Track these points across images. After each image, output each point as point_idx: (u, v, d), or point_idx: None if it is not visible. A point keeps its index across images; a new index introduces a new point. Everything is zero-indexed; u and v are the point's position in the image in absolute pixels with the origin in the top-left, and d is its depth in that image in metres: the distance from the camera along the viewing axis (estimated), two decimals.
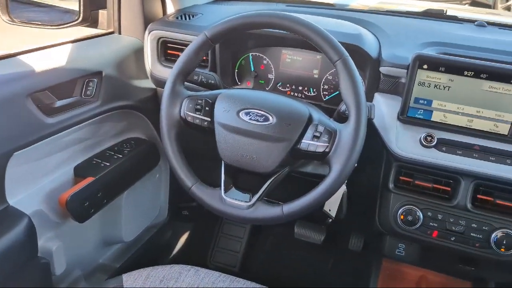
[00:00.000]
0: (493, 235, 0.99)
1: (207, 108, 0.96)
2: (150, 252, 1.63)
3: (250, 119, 0.93)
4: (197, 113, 0.97)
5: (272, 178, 0.95)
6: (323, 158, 0.92)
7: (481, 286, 1.27)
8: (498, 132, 0.97)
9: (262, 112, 0.93)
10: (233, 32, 0.95)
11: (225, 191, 0.94)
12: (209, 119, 0.96)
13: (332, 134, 0.91)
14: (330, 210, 1.11)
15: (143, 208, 1.50)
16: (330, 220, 1.43)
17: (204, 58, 1.22)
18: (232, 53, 1.26)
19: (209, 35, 0.95)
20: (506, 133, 0.96)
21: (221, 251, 1.87)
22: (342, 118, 0.97)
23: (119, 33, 1.32)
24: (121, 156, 1.26)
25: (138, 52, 1.30)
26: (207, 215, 1.56)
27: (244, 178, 1.02)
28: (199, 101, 0.97)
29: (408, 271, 1.39)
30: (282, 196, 0.93)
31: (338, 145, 0.89)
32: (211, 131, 0.96)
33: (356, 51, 1.05)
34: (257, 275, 1.70)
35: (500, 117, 0.97)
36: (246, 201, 0.93)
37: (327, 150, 0.90)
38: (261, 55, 1.26)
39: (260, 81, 1.28)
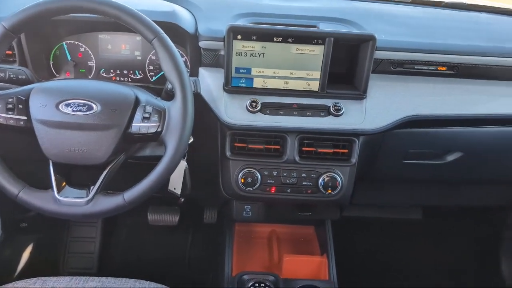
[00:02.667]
0: (320, 180, 1.12)
1: (20, 106, 0.88)
2: None
3: (73, 110, 0.88)
4: (9, 113, 0.88)
5: (108, 168, 0.92)
6: (157, 138, 0.92)
7: (320, 227, 1.43)
8: (311, 89, 1.08)
9: (84, 101, 0.89)
10: (38, 19, 0.88)
11: (58, 191, 0.89)
12: (25, 117, 0.88)
13: (161, 113, 0.91)
14: (175, 189, 1.12)
15: None
16: (182, 200, 1.45)
17: (10, 52, 1.10)
18: (43, 44, 1.16)
19: (7, 25, 0.86)
20: (317, 89, 1.08)
21: (73, 256, 1.76)
22: (170, 96, 0.98)
23: None
24: None
25: None
26: (51, 222, 1.45)
27: (77, 174, 0.97)
28: (10, 100, 0.88)
29: (259, 229, 1.49)
30: (128, 186, 0.91)
31: (169, 123, 0.90)
32: (29, 130, 0.88)
33: (173, 28, 1.06)
34: (117, 271, 1.65)
35: (310, 76, 1.08)
36: (83, 197, 0.89)
37: (159, 129, 0.91)
38: (76, 42, 1.19)
39: (80, 70, 1.21)
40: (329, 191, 1.12)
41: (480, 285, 1.74)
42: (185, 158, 1.10)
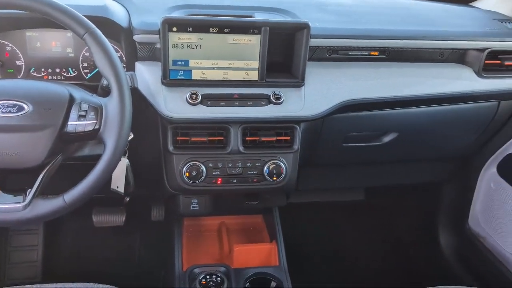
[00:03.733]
0: (265, 168, 1.13)
1: None
2: None
3: (1, 112, 0.84)
4: None
5: (45, 170, 0.89)
6: (95, 136, 0.89)
7: (269, 214, 1.45)
8: (250, 79, 1.09)
9: (14, 102, 0.85)
10: None
11: None
12: None
13: (98, 110, 0.89)
14: (118, 187, 1.09)
15: None
16: (128, 199, 1.42)
17: None
18: None
19: None
20: (256, 79, 1.09)
21: (15, 266, 1.68)
22: (106, 92, 0.95)
23: None
24: None
25: None
26: None
27: (13, 179, 0.93)
28: None
29: (208, 222, 1.49)
30: (69, 188, 0.88)
31: (107, 119, 0.88)
32: None
33: (105, 23, 1.03)
34: (64, 277, 1.59)
35: (248, 66, 1.08)
36: (20, 202, 0.85)
37: (96, 127, 0.88)
38: (2, 41, 1.13)
39: (8, 70, 1.15)
40: (275, 178, 1.14)
41: (423, 257, 1.84)
42: (126, 155, 1.08)
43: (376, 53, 1.19)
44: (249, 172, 1.13)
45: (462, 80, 1.22)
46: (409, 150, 1.44)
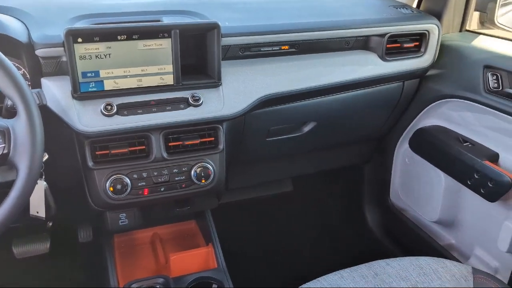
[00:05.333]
0: (192, 172, 1.12)
1: None
2: None
3: None
4: None
5: None
6: (5, 161, 0.83)
7: (202, 218, 1.44)
8: (166, 84, 1.07)
9: None
10: None
11: None
12: None
13: (5, 133, 0.83)
14: (38, 213, 1.03)
15: None
16: (51, 223, 1.33)
17: None
18: None
19: None
20: (172, 83, 1.07)
21: None
22: (12, 113, 0.89)
23: None
24: None
25: None
26: None
27: None
28: None
29: (140, 235, 1.45)
30: None
31: (16, 142, 0.82)
32: None
33: (1, 40, 0.96)
34: None
35: (162, 70, 1.06)
36: None
37: (5, 151, 0.82)
38: None
39: None
40: (203, 181, 1.13)
41: (353, 236, 1.92)
42: (43, 177, 1.01)
43: (286, 47, 1.22)
44: (176, 178, 1.12)
45: (368, 65, 1.30)
46: (328, 137, 1.50)
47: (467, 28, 1.49)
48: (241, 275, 1.45)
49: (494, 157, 1.25)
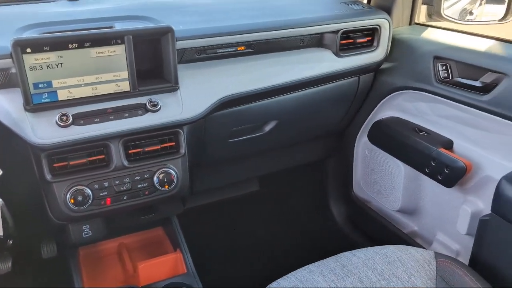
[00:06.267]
0: (155, 178, 1.11)
1: None
2: None
3: None
4: None
5: None
6: None
7: (168, 224, 1.43)
8: (122, 91, 1.06)
9: None
10: None
11: None
12: None
13: None
14: None
15: None
16: (11, 242, 1.29)
17: None
18: None
19: None
20: (129, 89, 1.06)
21: None
22: None
23: None
24: None
25: None
26: None
27: None
28: None
29: (105, 247, 1.42)
30: None
31: None
32: None
33: None
34: None
35: (118, 77, 1.05)
36: None
37: None
38: None
39: None
40: (166, 186, 1.12)
41: (321, 230, 1.95)
42: None
43: (243, 47, 1.22)
44: (139, 186, 1.10)
45: (324, 62, 1.32)
46: (290, 134, 1.51)
47: (416, 21, 1.54)
48: (212, 277, 1.45)
49: (448, 144, 1.29)
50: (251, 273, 1.78)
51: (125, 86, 1.06)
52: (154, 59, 1.12)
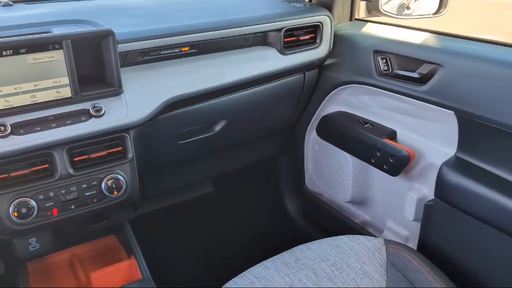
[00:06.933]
0: (103, 185, 1.08)
1: None
2: None
3: None
4: None
5: None
6: None
7: (121, 231, 1.40)
8: (63, 97, 1.02)
9: None
10: None
11: None
12: None
13: None
14: None
15: None
16: None
17: None
18: None
19: None
20: (70, 95, 1.03)
21: None
22: None
23: None
24: None
25: None
26: None
27: None
28: None
29: (56, 259, 1.37)
30: None
31: None
32: None
33: None
34: None
35: (58, 83, 1.01)
36: None
37: None
38: None
39: None
40: (116, 193, 1.10)
41: (277, 225, 1.97)
42: None
43: (187, 48, 1.22)
44: (86, 194, 1.07)
45: (269, 60, 1.34)
46: (240, 133, 1.52)
47: (356, 17, 1.59)
48: (169, 281, 1.43)
49: (392, 135, 1.34)
50: (208, 274, 1.77)
51: (66, 93, 1.02)
52: (96, 63, 1.10)
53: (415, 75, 1.25)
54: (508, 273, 1.09)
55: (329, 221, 1.72)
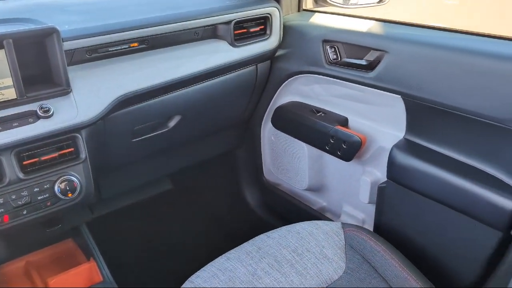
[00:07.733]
0: (56, 188, 1.05)
1: None
2: None
3: None
4: None
5: None
6: None
7: (78, 235, 1.36)
8: (8, 99, 0.98)
9: None
10: None
11: None
12: None
13: None
14: None
15: None
16: None
17: None
18: None
19: None
20: (15, 97, 0.99)
21: None
22: None
23: None
24: None
25: None
26: None
27: None
28: None
29: (10, 268, 1.31)
30: None
31: None
32: None
33: None
34: None
35: (1, 85, 0.97)
36: None
37: None
38: None
39: None
40: (70, 195, 1.07)
41: (238, 218, 1.98)
42: None
43: (136, 44, 1.20)
44: (39, 198, 1.04)
45: (220, 53, 1.34)
46: (196, 128, 1.52)
47: (304, 7, 1.61)
48: (132, 282, 1.41)
49: (344, 122, 1.38)
50: (172, 271, 1.76)
51: (11, 94, 0.99)
52: (41, 62, 1.06)
53: (362, 62, 1.28)
54: (458, 246, 1.15)
55: (288, 210, 1.75)
